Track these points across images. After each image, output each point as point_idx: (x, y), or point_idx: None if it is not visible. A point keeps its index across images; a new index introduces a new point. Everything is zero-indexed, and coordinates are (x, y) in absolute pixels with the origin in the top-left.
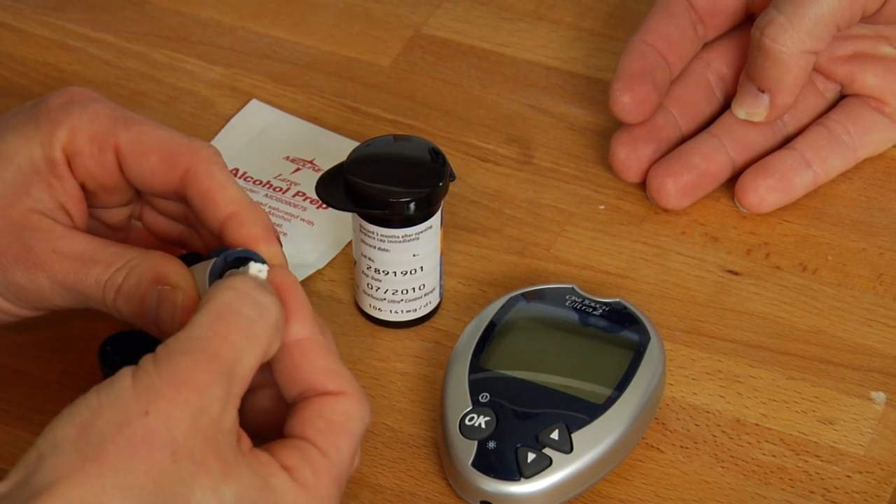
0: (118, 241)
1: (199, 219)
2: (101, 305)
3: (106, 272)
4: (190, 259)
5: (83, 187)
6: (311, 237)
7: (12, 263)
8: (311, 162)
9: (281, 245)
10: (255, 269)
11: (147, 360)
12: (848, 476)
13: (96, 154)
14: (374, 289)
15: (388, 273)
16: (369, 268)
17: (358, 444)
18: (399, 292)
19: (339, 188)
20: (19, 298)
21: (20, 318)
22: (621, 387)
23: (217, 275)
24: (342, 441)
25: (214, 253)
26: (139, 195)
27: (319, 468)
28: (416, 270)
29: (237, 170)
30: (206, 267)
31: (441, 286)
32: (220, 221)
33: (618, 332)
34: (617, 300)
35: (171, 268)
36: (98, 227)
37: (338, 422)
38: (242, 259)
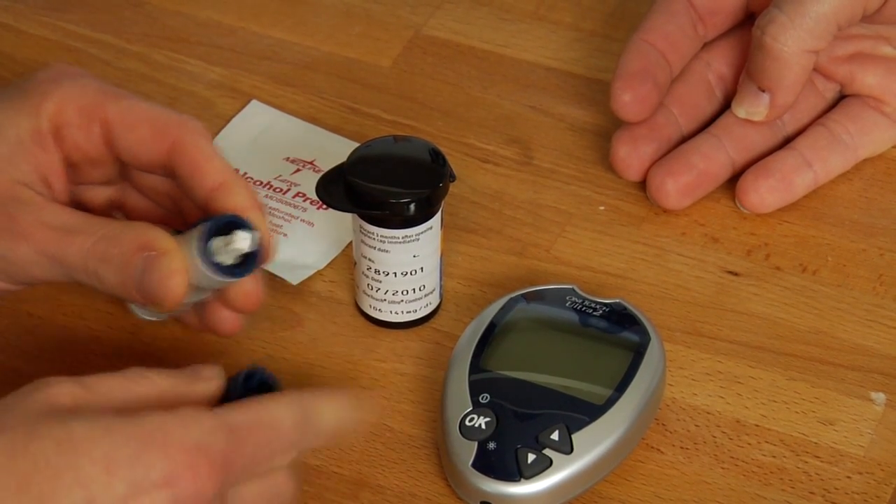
0: None
1: (186, 190)
2: (83, 275)
3: (88, 240)
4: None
5: (68, 161)
6: (311, 238)
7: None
8: (311, 163)
9: (266, 217)
10: (242, 236)
11: None
12: (848, 477)
13: (84, 125)
14: (375, 290)
15: (388, 274)
16: (369, 268)
17: None
18: (399, 293)
19: (339, 189)
20: (4, 272)
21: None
22: (621, 387)
23: (205, 240)
24: (251, 409)
25: (199, 224)
26: (122, 175)
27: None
28: (416, 271)
29: (237, 171)
30: (192, 235)
31: (441, 287)
32: (208, 191)
33: (618, 332)
34: (617, 301)
35: (158, 234)
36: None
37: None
38: (230, 225)
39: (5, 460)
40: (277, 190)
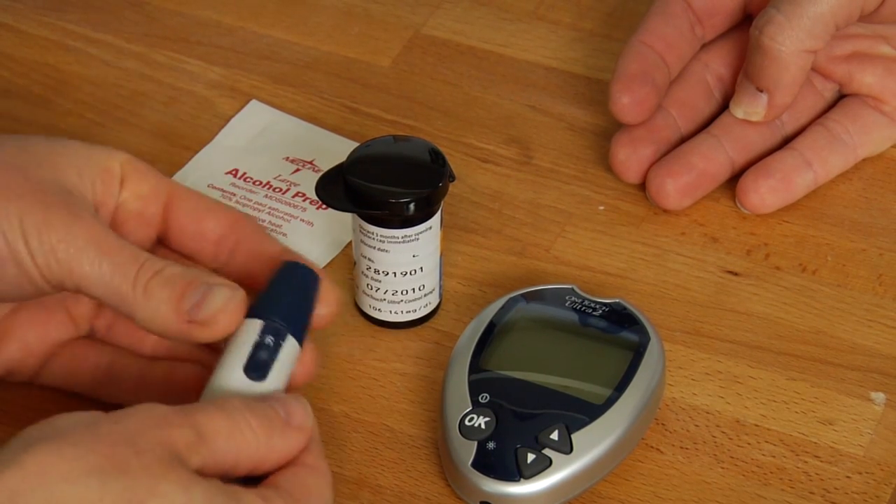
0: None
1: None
2: (124, 283)
3: (145, 256)
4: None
5: (122, 208)
6: (310, 238)
7: (55, 206)
8: (310, 162)
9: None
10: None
11: None
12: (847, 477)
13: (149, 179)
14: (374, 289)
15: (387, 274)
16: (369, 268)
17: None
18: (399, 293)
19: (338, 189)
20: (48, 261)
21: (28, 294)
22: (621, 387)
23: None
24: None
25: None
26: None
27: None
28: (415, 271)
29: (237, 170)
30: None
31: (441, 287)
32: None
33: (617, 332)
34: (617, 301)
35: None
36: None
37: (310, 487)
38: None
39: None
40: (277, 190)
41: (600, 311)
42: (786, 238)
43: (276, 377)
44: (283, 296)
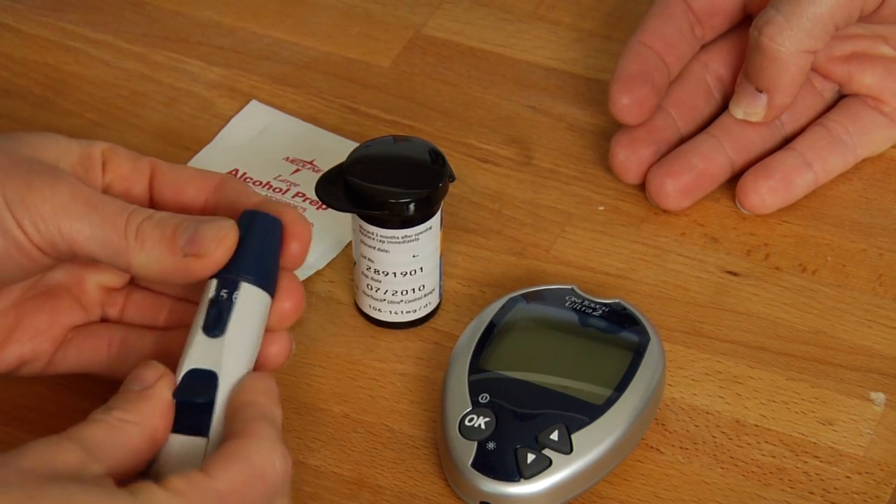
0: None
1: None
2: (114, 233)
3: (132, 206)
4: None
5: (106, 191)
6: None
7: (36, 173)
8: (310, 163)
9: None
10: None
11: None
12: (847, 477)
13: (132, 162)
14: (374, 289)
15: (387, 274)
16: (369, 268)
17: (263, 483)
18: (399, 293)
19: (338, 189)
20: (36, 225)
21: (26, 268)
22: (621, 388)
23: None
24: (234, 467)
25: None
26: None
27: (196, 481)
28: (415, 271)
29: (237, 170)
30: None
31: (441, 287)
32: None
33: (617, 332)
34: (616, 301)
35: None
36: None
37: (235, 453)
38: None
39: None
40: (277, 190)
41: (600, 312)
42: (786, 238)
43: (239, 330)
44: (239, 247)
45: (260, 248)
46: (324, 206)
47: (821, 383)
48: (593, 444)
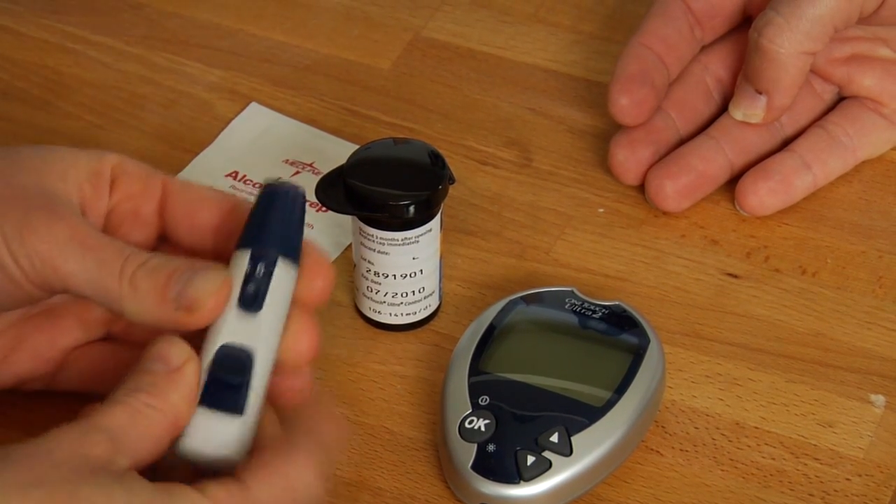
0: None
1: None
2: (110, 278)
3: (129, 249)
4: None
5: (116, 211)
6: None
7: (35, 209)
8: (310, 165)
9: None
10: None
11: None
12: (847, 479)
13: (143, 179)
14: (374, 292)
15: (387, 276)
16: (369, 271)
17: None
18: (398, 295)
19: (338, 191)
20: (32, 263)
21: (20, 300)
22: (621, 390)
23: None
24: (273, 479)
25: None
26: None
27: (234, 492)
28: (415, 273)
29: (237, 172)
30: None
31: (440, 289)
32: None
33: (617, 335)
34: (616, 303)
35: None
36: None
37: (277, 468)
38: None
39: None
40: None
41: (600, 314)
42: (785, 240)
43: (274, 306)
44: (268, 221)
45: (289, 221)
46: (323, 209)
47: (821, 385)
48: (593, 446)
